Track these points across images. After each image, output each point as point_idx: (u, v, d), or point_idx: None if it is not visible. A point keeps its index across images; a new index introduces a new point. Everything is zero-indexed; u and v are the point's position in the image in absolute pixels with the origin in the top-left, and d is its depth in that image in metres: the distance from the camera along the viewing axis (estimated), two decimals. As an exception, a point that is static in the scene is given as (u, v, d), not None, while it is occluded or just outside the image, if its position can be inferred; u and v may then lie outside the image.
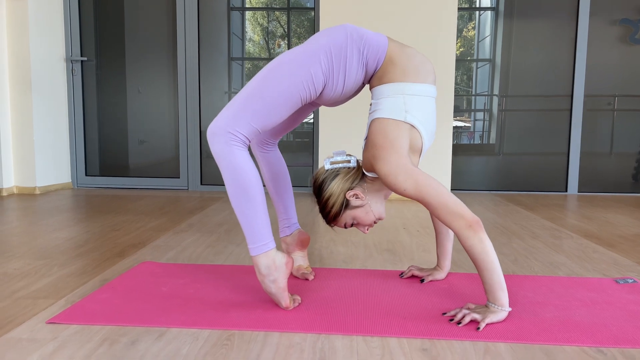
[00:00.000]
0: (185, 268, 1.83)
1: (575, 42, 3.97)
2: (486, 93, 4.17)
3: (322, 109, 3.68)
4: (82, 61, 4.07)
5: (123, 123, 4.18)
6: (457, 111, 4.17)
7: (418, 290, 1.59)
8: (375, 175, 1.46)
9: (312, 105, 1.61)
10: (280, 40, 4.13)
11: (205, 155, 4.13)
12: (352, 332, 1.27)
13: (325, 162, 1.51)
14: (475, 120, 4.23)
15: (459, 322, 1.31)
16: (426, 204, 1.32)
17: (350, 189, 1.47)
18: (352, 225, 1.52)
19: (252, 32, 4.14)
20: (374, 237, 2.36)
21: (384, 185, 1.46)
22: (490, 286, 1.31)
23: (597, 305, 1.47)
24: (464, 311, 1.33)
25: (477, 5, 4.16)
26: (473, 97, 4.21)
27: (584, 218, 2.94)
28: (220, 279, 1.70)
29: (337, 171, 1.49)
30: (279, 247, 2.06)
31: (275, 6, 4.07)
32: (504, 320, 1.33)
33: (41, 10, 3.78)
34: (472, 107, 4.23)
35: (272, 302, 1.46)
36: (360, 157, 1.68)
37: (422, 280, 1.67)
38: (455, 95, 4.07)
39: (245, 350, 1.18)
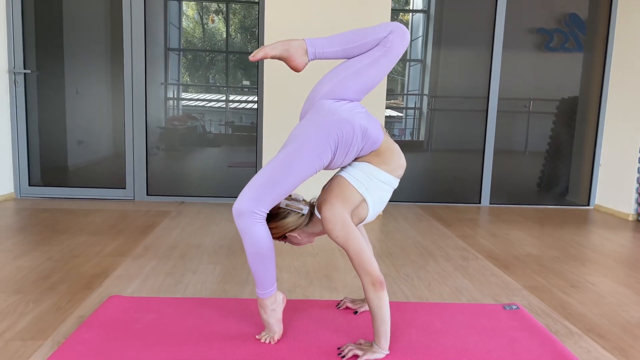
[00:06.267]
0: (151, 302, 2.10)
1: (492, 48, 4.50)
2: (417, 92, 4.67)
3: (267, 101, 3.91)
4: (25, 74, 4.09)
5: (62, 125, 4.28)
6: (391, 94, 4.70)
7: (350, 323, 1.97)
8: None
9: None
10: (214, 15, 4.29)
11: (150, 154, 4.31)
12: (299, 367, 1.62)
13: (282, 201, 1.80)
14: (406, 117, 4.79)
15: (343, 357, 1.67)
16: (348, 255, 1.67)
17: (292, 230, 1.78)
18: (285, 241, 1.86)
19: (186, 6, 4.29)
20: (314, 264, 2.72)
21: (322, 227, 1.76)
22: (377, 332, 1.68)
23: (485, 332, 1.92)
24: (350, 347, 1.69)
25: (411, 7, 4.71)
26: (405, 96, 4.78)
27: (490, 236, 3.46)
28: (185, 312, 1.99)
29: (289, 212, 1.79)
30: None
31: None
32: (420, 353, 1.73)
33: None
34: (404, 106, 4.81)
35: (231, 340, 1.78)
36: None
37: (355, 312, 2.05)
38: (388, 94, 4.55)
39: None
